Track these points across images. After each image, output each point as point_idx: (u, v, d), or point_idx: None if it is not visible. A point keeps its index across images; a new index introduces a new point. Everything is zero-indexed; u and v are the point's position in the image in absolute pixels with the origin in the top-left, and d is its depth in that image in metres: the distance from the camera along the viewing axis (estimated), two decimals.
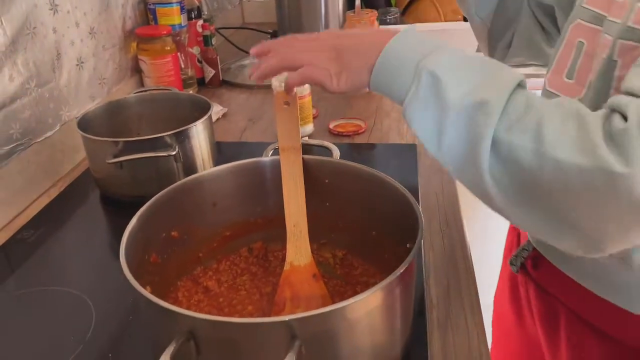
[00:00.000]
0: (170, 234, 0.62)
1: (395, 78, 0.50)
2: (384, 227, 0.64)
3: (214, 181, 0.65)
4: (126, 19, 1.22)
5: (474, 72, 0.48)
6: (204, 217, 0.66)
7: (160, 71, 1.21)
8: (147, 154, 0.81)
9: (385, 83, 0.52)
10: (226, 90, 1.39)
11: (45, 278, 0.74)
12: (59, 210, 0.90)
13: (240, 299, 0.63)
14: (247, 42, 1.68)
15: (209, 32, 1.36)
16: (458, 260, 0.71)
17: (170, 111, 0.99)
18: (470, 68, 0.48)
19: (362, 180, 0.65)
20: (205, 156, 0.90)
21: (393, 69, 0.51)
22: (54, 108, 0.96)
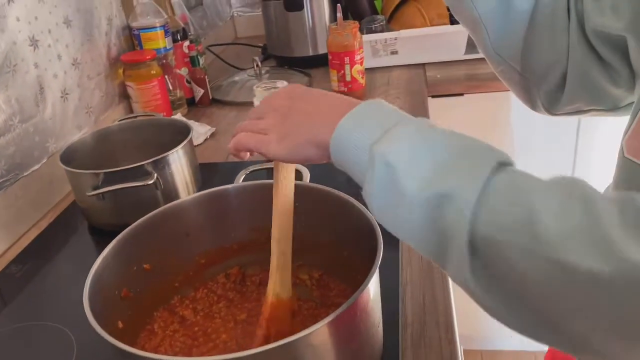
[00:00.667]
0: (142, 267, 0.63)
1: (350, 161, 0.44)
2: (354, 247, 0.64)
3: (183, 212, 0.66)
4: (111, 46, 1.24)
5: (439, 154, 0.39)
6: (177, 247, 0.66)
7: (147, 95, 1.23)
8: (126, 184, 0.82)
9: (341, 164, 0.46)
10: (216, 108, 1.40)
11: (32, 313, 0.75)
12: (48, 243, 0.91)
13: (215, 327, 0.64)
14: (240, 58, 1.70)
15: (196, 52, 1.38)
16: (435, 277, 0.71)
17: (154, 137, 1.00)
18: (434, 150, 0.40)
19: (329, 203, 0.65)
20: (188, 181, 0.91)
21: (347, 151, 0.44)
22: (39, 141, 0.98)
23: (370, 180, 0.42)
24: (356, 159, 0.43)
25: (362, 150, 0.43)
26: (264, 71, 1.50)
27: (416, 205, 0.38)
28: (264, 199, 0.59)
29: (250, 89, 1.45)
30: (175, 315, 0.65)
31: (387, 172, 0.40)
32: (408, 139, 0.41)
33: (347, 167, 0.45)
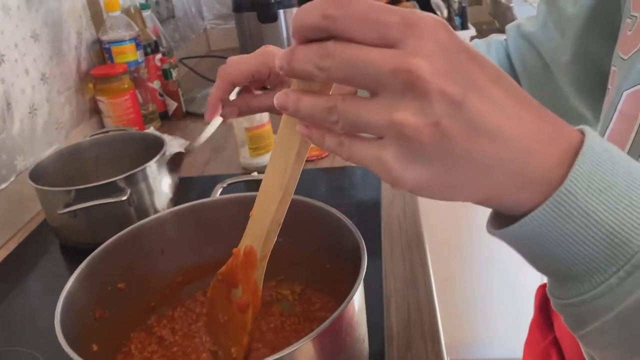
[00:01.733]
0: (117, 287, 0.61)
1: (574, 247, 0.30)
2: (337, 259, 0.62)
3: (157, 228, 0.63)
4: (81, 60, 1.21)
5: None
6: (152, 265, 0.64)
7: (119, 110, 1.20)
8: (98, 201, 0.80)
9: (543, 243, 0.30)
10: (190, 121, 1.38)
11: (1, 338, 0.72)
12: (17, 264, 0.88)
13: (195, 347, 0.61)
14: (213, 71, 1.67)
15: (169, 65, 1.35)
16: (419, 285, 0.70)
17: (126, 152, 0.97)
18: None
19: (310, 214, 0.63)
20: (162, 196, 0.89)
21: (576, 233, 0.29)
22: (7, 159, 0.95)
23: (620, 288, 0.29)
24: (587, 246, 0.29)
25: (611, 238, 0.29)
26: None
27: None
28: (242, 213, 0.57)
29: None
30: (152, 335, 0.63)
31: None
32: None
33: (554, 251, 0.30)
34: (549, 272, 0.32)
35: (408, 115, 0.28)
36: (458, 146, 0.28)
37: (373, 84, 0.29)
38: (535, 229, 0.30)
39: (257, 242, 0.47)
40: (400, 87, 0.28)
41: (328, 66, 0.29)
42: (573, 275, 0.31)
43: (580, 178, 0.28)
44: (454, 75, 0.28)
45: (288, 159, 0.39)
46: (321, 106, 0.31)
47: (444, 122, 0.27)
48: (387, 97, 0.29)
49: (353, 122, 0.30)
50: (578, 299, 0.31)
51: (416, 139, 0.28)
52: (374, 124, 0.29)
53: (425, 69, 0.27)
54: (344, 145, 0.32)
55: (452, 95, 0.27)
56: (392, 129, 0.28)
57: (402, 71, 0.27)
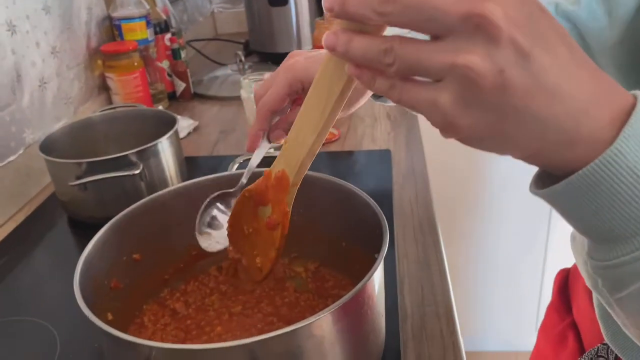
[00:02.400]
0: (132, 257, 0.60)
1: (618, 208, 0.30)
2: (354, 238, 0.62)
3: (175, 200, 0.63)
4: (91, 36, 1.20)
5: None
6: (168, 237, 0.64)
7: (128, 87, 1.19)
8: (111, 173, 0.79)
9: (587, 202, 0.30)
10: (198, 103, 1.37)
11: (10, 308, 0.71)
12: (25, 236, 0.87)
13: (209, 320, 0.61)
14: (220, 54, 1.67)
15: (178, 45, 1.34)
16: (432, 268, 0.70)
17: (137, 128, 0.96)
18: None
19: (329, 191, 0.63)
20: (172, 173, 0.88)
21: (618, 194, 0.29)
22: (16, 131, 0.94)
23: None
24: (633, 208, 0.29)
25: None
26: (247, 66, 1.48)
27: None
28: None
29: (232, 84, 1.43)
30: (165, 308, 0.63)
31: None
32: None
33: (598, 211, 0.30)
34: (590, 233, 0.32)
35: (474, 58, 0.27)
36: (517, 97, 0.28)
37: (439, 29, 0.28)
38: (582, 187, 0.29)
39: (290, 169, 0.46)
40: (470, 31, 0.27)
41: (389, 11, 0.28)
42: (616, 236, 0.30)
43: (630, 139, 0.28)
44: (526, 26, 0.27)
45: (330, 95, 0.38)
46: (376, 48, 0.30)
47: (509, 71, 0.27)
48: (453, 40, 0.28)
49: (411, 64, 0.30)
50: (619, 259, 0.31)
51: (479, 83, 0.27)
52: (435, 66, 0.29)
53: (499, 15, 0.27)
54: (395, 87, 0.31)
55: (522, 45, 0.27)
56: (455, 72, 0.28)
57: (475, 15, 0.27)
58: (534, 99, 0.28)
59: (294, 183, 0.47)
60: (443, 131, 0.31)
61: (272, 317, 0.60)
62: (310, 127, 0.41)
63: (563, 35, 0.29)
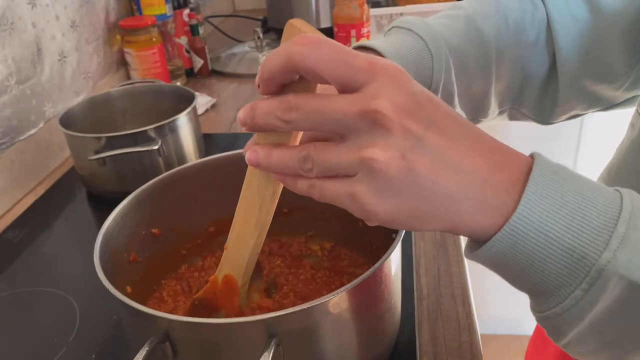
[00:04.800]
0: (151, 232, 0.61)
1: (535, 266, 0.31)
2: None
3: (194, 176, 0.63)
4: (109, 11, 1.20)
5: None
6: (186, 213, 0.64)
7: (147, 63, 1.19)
8: (130, 149, 0.80)
9: (508, 264, 0.32)
10: (216, 80, 1.37)
11: (30, 279, 0.73)
12: (45, 209, 0.88)
13: None
14: (238, 30, 1.66)
15: (196, 21, 1.34)
16: (449, 249, 0.69)
17: (155, 104, 0.97)
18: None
19: None
20: (190, 149, 0.89)
21: (531, 254, 0.31)
22: (36, 105, 0.95)
23: (585, 300, 0.31)
24: (547, 264, 0.31)
25: (569, 254, 0.30)
26: (265, 43, 1.47)
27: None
28: None
29: (250, 60, 1.42)
30: (184, 283, 0.63)
31: (633, 294, 0.30)
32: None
33: (520, 271, 0.32)
34: (522, 289, 0.34)
35: (376, 151, 0.30)
36: (423, 177, 0.30)
37: (340, 128, 0.32)
38: (499, 252, 0.32)
39: (236, 272, 0.48)
40: (367, 127, 0.30)
41: (293, 119, 0.32)
42: (542, 291, 0.33)
43: (532, 201, 0.30)
44: (415, 113, 0.30)
45: (264, 198, 0.41)
46: (295, 157, 0.33)
47: (409, 155, 0.30)
48: (356, 138, 0.31)
49: (327, 166, 0.32)
50: (551, 312, 0.33)
51: (385, 172, 0.30)
52: (346, 163, 0.31)
53: (389, 108, 0.30)
54: (315, 186, 0.33)
55: (414, 130, 0.30)
56: (364, 165, 0.30)
57: (368, 112, 0.30)
58: (439, 176, 0.30)
59: (243, 283, 0.48)
60: (365, 220, 0.33)
61: (289, 293, 0.60)
62: (249, 228, 0.43)
63: (453, 114, 0.32)
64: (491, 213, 0.31)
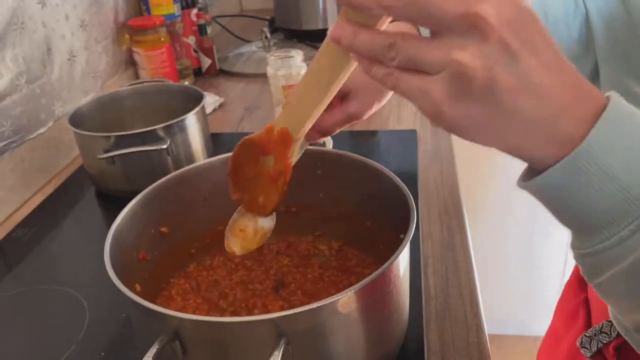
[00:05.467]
0: (160, 230, 0.61)
1: (589, 195, 0.32)
2: (379, 217, 0.62)
3: (203, 175, 0.63)
4: (118, 11, 1.20)
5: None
6: (194, 212, 0.64)
7: (155, 62, 1.19)
8: (138, 148, 0.80)
9: (561, 193, 0.32)
10: (223, 79, 1.37)
11: (39, 277, 0.73)
12: (54, 208, 0.89)
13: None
14: (245, 30, 1.66)
15: (204, 20, 1.34)
16: (457, 249, 0.69)
17: (163, 103, 0.97)
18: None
19: (354, 170, 0.63)
20: (199, 148, 0.89)
21: (587, 183, 0.31)
22: (46, 104, 0.95)
23: (630, 241, 0.31)
24: (601, 199, 0.31)
25: (624, 193, 0.31)
26: (272, 43, 1.47)
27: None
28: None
29: (258, 60, 1.43)
30: (193, 282, 0.64)
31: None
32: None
33: (572, 203, 0.32)
34: (568, 224, 0.34)
35: (467, 55, 0.30)
36: (503, 94, 0.30)
37: (437, 26, 0.31)
38: (555, 182, 0.32)
39: (292, 127, 0.47)
40: (464, 29, 0.30)
41: (392, 5, 0.31)
42: (589, 226, 0.33)
43: (598, 138, 0.31)
44: (516, 28, 0.29)
45: (337, 66, 0.39)
46: (381, 43, 0.33)
47: (497, 69, 0.29)
48: (448, 37, 0.31)
49: (411, 58, 0.32)
50: (593, 249, 0.33)
51: (469, 78, 0.30)
52: (432, 60, 0.31)
53: (492, 16, 0.29)
54: (392, 75, 0.33)
55: (511, 45, 0.29)
56: (449, 66, 0.30)
57: (470, 15, 0.29)
58: (519, 97, 0.30)
59: (297, 139, 0.48)
60: (431, 119, 0.33)
61: (296, 291, 0.60)
62: (313, 95, 0.43)
63: (549, 40, 0.31)
64: (558, 143, 0.31)
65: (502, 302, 1.81)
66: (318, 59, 0.40)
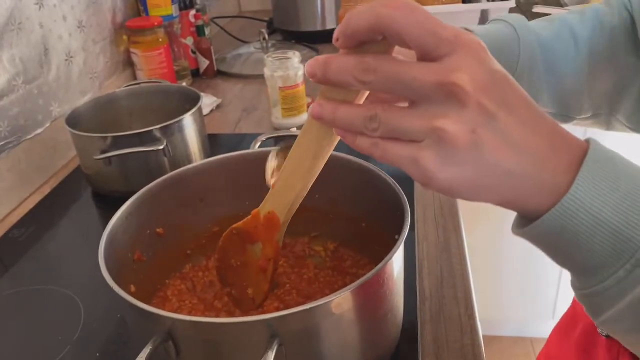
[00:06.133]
0: (155, 231, 0.61)
1: (580, 241, 0.33)
2: (374, 218, 0.62)
3: (199, 175, 0.64)
4: (116, 11, 1.20)
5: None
6: (190, 212, 0.64)
7: (153, 63, 1.20)
8: (135, 148, 0.80)
9: (556, 240, 0.34)
10: (221, 80, 1.37)
11: (35, 277, 0.73)
12: (51, 208, 0.89)
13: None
14: (243, 31, 1.66)
15: (202, 21, 1.34)
16: (452, 251, 0.69)
17: (161, 104, 0.97)
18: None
19: (350, 171, 0.63)
20: (195, 149, 0.89)
21: (578, 231, 0.32)
22: (43, 104, 0.95)
23: (627, 280, 0.33)
24: (594, 244, 0.32)
25: (616, 236, 0.32)
26: (270, 44, 1.47)
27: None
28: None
29: (255, 61, 1.43)
30: (188, 283, 0.64)
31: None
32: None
33: (566, 248, 0.34)
34: (566, 267, 0.36)
35: (448, 122, 0.31)
36: (488, 153, 0.31)
37: (414, 95, 0.32)
38: (548, 230, 0.33)
39: (279, 210, 0.48)
40: (442, 98, 0.31)
41: (370, 80, 0.32)
42: (585, 269, 0.34)
43: (584, 184, 0.32)
44: (491, 91, 0.31)
45: (320, 147, 0.41)
46: (362, 116, 0.34)
47: (479, 131, 0.31)
48: (427, 106, 0.32)
49: (394, 128, 0.33)
50: (592, 289, 0.34)
51: (454, 143, 0.31)
52: (415, 129, 0.32)
53: (467, 83, 0.30)
54: (378, 145, 0.34)
55: (488, 108, 0.31)
56: (433, 134, 0.31)
57: (447, 84, 0.30)
58: (503, 154, 0.32)
59: (285, 222, 0.49)
60: (422, 184, 0.34)
61: (291, 291, 0.60)
62: (300, 172, 0.43)
63: (523, 96, 0.33)
64: (545, 192, 0.33)
65: (500, 303, 1.81)
66: (302, 136, 0.41)
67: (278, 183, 0.46)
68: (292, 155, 0.43)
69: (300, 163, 0.43)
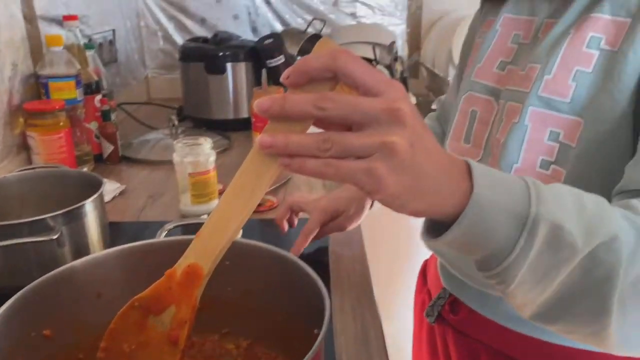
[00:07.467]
0: (42, 334, 0.53)
1: (488, 230, 0.41)
2: (292, 311, 0.59)
3: (97, 268, 0.58)
4: (13, 93, 1.14)
5: (587, 207, 0.44)
6: (85, 310, 0.57)
7: (52, 148, 1.12)
8: (24, 239, 0.72)
9: (471, 234, 0.41)
10: (126, 166, 1.31)
11: None
12: None
13: None
14: (152, 118, 1.63)
15: (108, 106, 1.30)
16: (371, 343, 0.67)
17: (58, 191, 0.90)
18: (581, 204, 0.44)
19: (265, 261, 0.60)
20: (95, 239, 0.82)
21: (486, 220, 0.41)
22: None
23: (526, 245, 0.41)
24: (499, 226, 0.41)
25: (511, 215, 0.41)
26: (180, 130, 1.44)
27: (579, 259, 0.42)
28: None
29: (164, 147, 1.39)
30: None
31: (553, 233, 0.42)
32: (565, 197, 0.44)
33: (479, 238, 0.42)
34: (480, 256, 0.44)
35: (396, 138, 0.38)
36: (421, 161, 0.39)
37: (365, 119, 0.39)
38: (468, 226, 0.41)
39: (204, 260, 0.45)
40: (389, 120, 0.38)
41: (329, 107, 0.38)
42: (496, 250, 0.42)
43: (482, 182, 0.41)
44: (416, 117, 0.40)
45: (257, 186, 0.42)
46: (314, 139, 0.39)
47: (415, 144, 0.39)
48: (376, 127, 0.39)
49: (346, 147, 0.39)
50: (503, 265, 0.42)
51: (401, 153, 0.38)
52: (366, 145, 0.38)
53: (407, 110, 0.39)
54: (330, 165, 0.39)
55: (418, 128, 0.40)
56: (384, 147, 0.38)
57: (394, 109, 0.38)
58: (429, 163, 0.40)
59: (208, 273, 0.46)
60: (374, 193, 0.39)
61: None
62: (234, 215, 0.43)
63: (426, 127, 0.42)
64: (458, 195, 0.41)
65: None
66: (239, 175, 0.42)
67: (205, 231, 0.44)
68: (224, 199, 0.43)
69: (235, 204, 0.42)
